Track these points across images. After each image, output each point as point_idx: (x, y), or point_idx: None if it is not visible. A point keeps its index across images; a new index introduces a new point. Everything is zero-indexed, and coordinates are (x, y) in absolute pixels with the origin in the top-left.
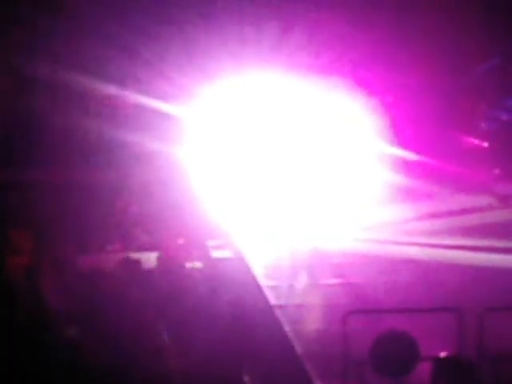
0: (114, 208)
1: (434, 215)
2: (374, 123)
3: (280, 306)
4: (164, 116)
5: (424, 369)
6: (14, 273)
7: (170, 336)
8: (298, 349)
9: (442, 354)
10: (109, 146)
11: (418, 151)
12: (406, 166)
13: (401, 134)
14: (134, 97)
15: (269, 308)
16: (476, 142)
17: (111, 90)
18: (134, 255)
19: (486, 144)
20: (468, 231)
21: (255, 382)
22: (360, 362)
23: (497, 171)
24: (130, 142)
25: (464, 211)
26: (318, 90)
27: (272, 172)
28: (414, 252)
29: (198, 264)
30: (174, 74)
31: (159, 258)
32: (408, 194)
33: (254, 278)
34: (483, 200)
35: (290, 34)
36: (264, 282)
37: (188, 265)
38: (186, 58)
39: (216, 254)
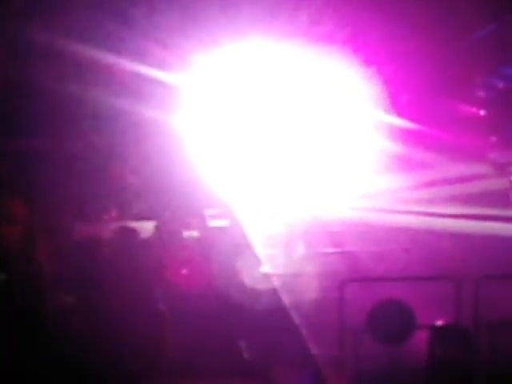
0: (110, 177)
1: (430, 184)
2: (371, 92)
3: (277, 275)
4: (162, 84)
5: (421, 337)
6: (9, 241)
7: (166, 304)
8: (296, 317)
9: (439, 322)
10: (105, 114)
11: (414, 120)
12: (403, 135)
13: (397, 103)
14: (130, 65)
15: (266, 277)
16: (473, 109)
17: (108, 57)
18: (131, 224)
19: (482, 112)
20: (465, 199)
21: (252, 350)
22: (357, 330)
23: (494, 139)
24: (127, 111)
25: (461, 179)
26: (315, 58)
27: (270, 141)
28: (410, 220)
29: (195, 233)
30: (171, 42)
31: (156, 227)
32: (405, 163)
33: (251, 248)
34: (480, 168)
35: (287, 1)
36: (261, 251)
37: (185, 234)
38: (183, 26)
39: (213, 223)
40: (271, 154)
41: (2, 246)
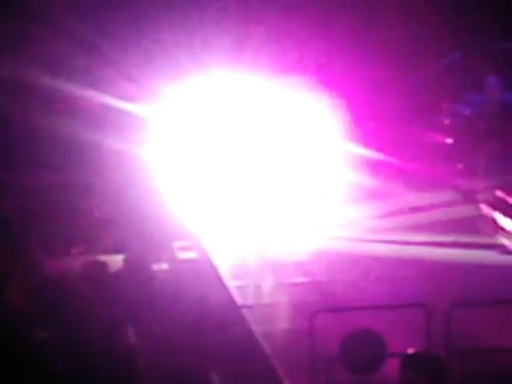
0: (79, 210)
1: (399, 212)
2: (337, 122)
3: (247, 306)
4: (129, 116)
5: (392, 365)
6: None
7: (137, 337)
8: (267, 348)
9: (410, 350)
10: (74, 146)
11: (380, 148)
12: (370, 164)
13: (364, 133)
14: (99, 97)
15: (236, 308)
16: (439, 137)
17: (76, 90)
18: (100, 258)
19: (448, 140)
20: (433, 227)
21: (224, 382)
22: (328, 360)
23: (460, 166)
24: (95, 143)
25: (429, 207)
26: (282, 89)
27: (237, 171)
28: (380, 249)
29: (164, 265)
30: (140, 74)
31: (125, 260)
32: (372, 192)
33: (220, 279)
34: (447, 196)
35: (254, 33)
36: (231, 282)
37: (154, 266)
38: (151, 58)
39: (182, 255)
40: (240, 184)
41: None
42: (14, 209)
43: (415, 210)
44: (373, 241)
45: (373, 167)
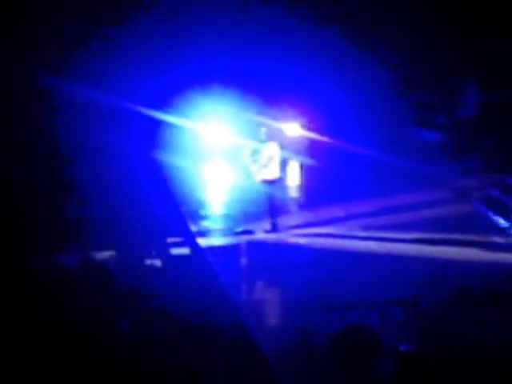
0: (71, 207)
1: (392, 210)
2: (330, 119)
3: (241, 303)
4: (131, 116)
5: (386, 363)
6: None
7: (131, 333)
8: (261, 345)
9: (404, 348)
10: (67, 144)
11: (376, 147)
12: (365, 162)
13: (359, 131)
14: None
15: (230, 305)
16: (434, 136)
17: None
18: (93, 254)
19: (444, 138)
20: (427, 225)
21: (218, 379)
22: (322, 356)
23: (454, 166)
24: (91, 143)
25: (423, 205)
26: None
27: (227, 172)
28: (374, 247)
29: (157, 262)
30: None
31: (118, 257)
32: (367, 190)
33: (214, 275)
34: (442, 194)
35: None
36: (224, 278)
37: (148, 262)
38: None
39: (176, 251)
40: (227, 181)
41: None
42: (7, 206)
43: (409, 207)
44: (366, 238)
45: (368, 165)
